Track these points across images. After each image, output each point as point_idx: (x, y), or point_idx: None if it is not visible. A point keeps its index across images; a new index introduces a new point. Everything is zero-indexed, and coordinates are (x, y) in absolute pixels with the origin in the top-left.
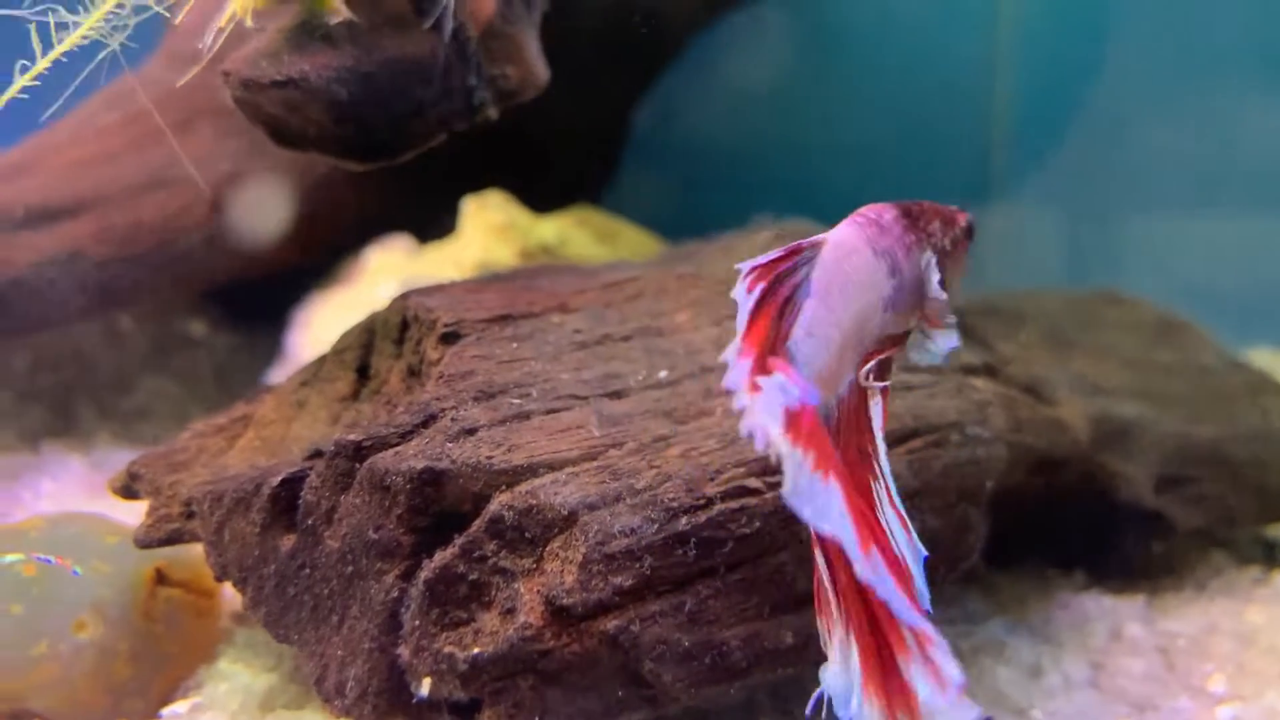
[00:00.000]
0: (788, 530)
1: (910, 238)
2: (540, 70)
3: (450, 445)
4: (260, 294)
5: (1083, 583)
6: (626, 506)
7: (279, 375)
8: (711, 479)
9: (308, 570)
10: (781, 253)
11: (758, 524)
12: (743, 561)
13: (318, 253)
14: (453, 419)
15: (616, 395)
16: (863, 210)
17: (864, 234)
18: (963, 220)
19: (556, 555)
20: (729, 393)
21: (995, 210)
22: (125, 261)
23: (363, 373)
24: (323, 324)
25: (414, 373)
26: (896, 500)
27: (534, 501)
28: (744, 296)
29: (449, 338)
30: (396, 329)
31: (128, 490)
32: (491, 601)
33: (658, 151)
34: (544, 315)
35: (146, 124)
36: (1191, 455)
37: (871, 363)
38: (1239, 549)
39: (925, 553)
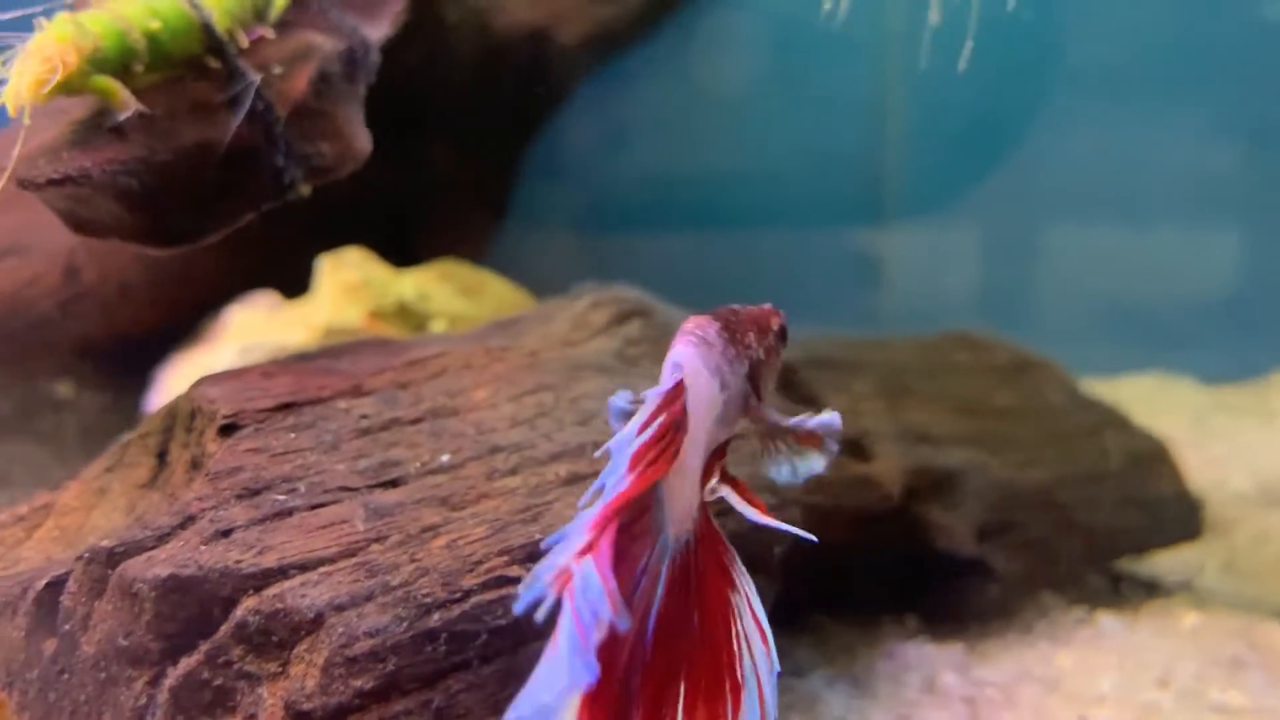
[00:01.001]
0: (549, 617)
1: (732, 351)
2: (360, 143)
3: (203, 549)
4: (132, 352)
5: (914, 629)
6: (377, 605)
7: None
8: (471, 570)
9: (67, 675)
10: (663, 399)
11: (514, 615)
12: (500, 653)
13: (178, 313)
14: (211, 520)
15: (392, 484)
16: (689, 328)
17: (699, 354)
18: (776, 324)
19: (302, 659)
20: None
21: (889, 232)
22: None
23: (163, 458)
24: (179, 385)
25: (196, 464)
26: (757, 609)
27: (280, 605)
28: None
29: (227, 430)
30: (188, 415)
31: None
32: (236, 707)
33: (553, 199)
34: (332, 401)
35: None
36: (1017, 501)
37: (713, 478)
38: (1082, 585)
39: (779, 667)
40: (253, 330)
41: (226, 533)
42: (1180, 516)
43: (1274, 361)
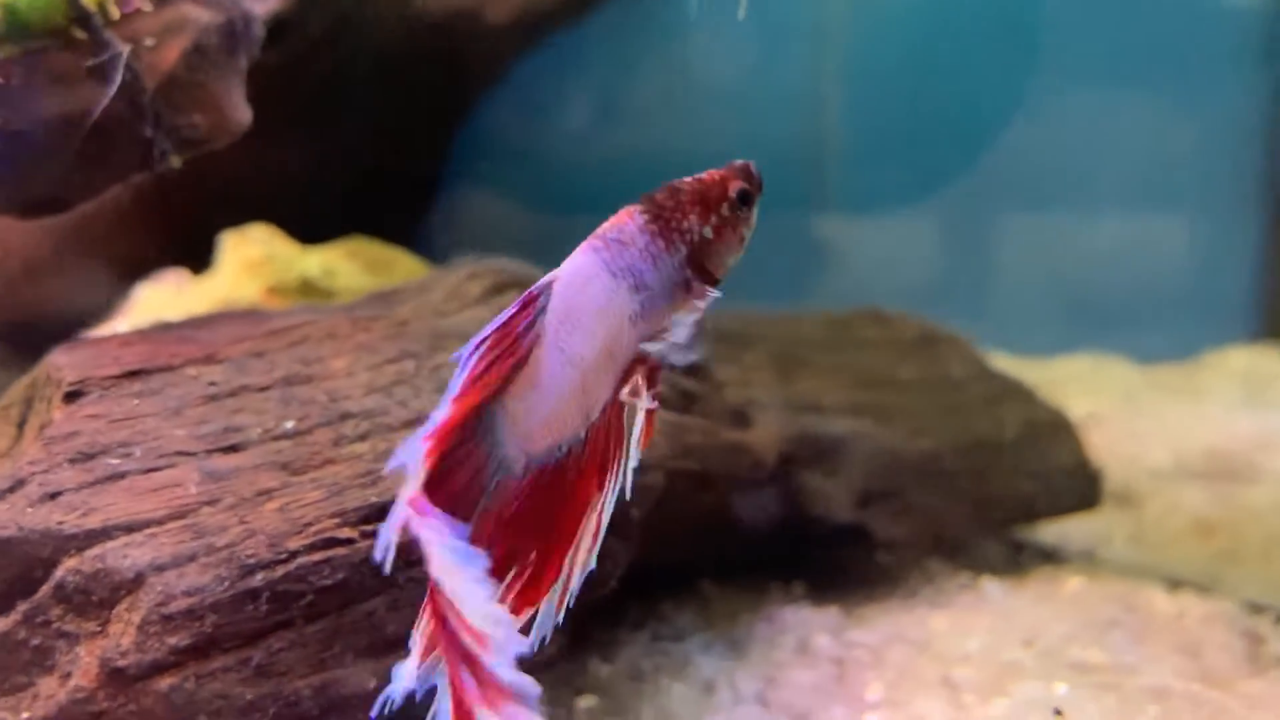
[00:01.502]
0: (381, 577)
1: (659, 244)
2: (237, 116)
3: (29, 511)
4: (43, 330)
5: (800, 594)
6: (199, 565)
7: None
8: (300, 532)
9: None
10: (516, 307)
11: (342, 575)
12: (325, 612)
13: (87, 292)
14: (40, 483)
15: (232, 449)
16: (604, 229)
17: (600, 259)
18: (733, 190)
19: (121, 618)
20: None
21: (832, 219)
22: None
23: (23, 428)
24: None
25: (45, 428)
26: (604, 511)
27: (101, 565)
28: (458, 373)
29: (71, 396)
30: (43, 386)
31: None
32: (54, 666)
33: (485, 180)
34: (182, 368)
35: None
36: (901, 469)
37: (635, 377)
38: (977, 553)
39: (593, 567)
40: (158, 307)
41: (54, 495)
42: (1076, 487)
43: (1206, 342)
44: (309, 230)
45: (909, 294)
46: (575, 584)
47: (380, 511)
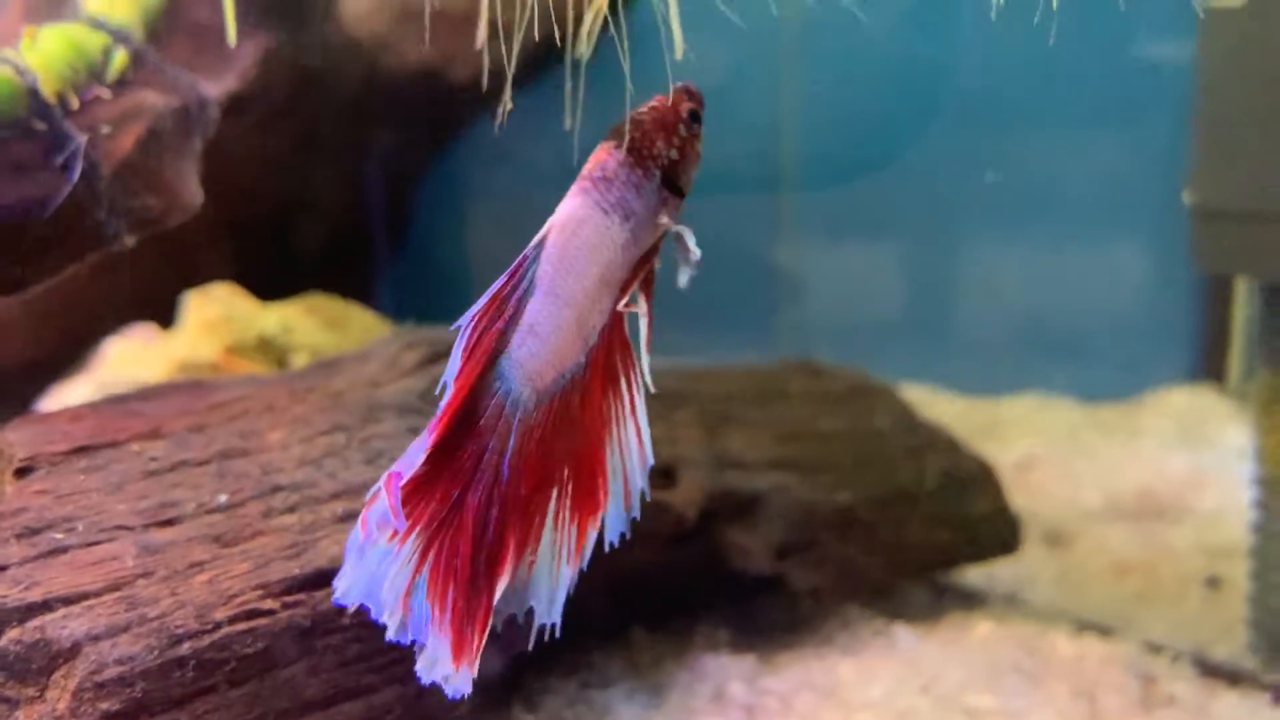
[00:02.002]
0: (301, 645)
1: (638, 173)
2: (189, 196)
3: None
4: (13, 382)
5: (723, 641)
6: (131, 635)
7: None
8: (225, 603)
9: None
10: (504, 277)
11: (264, 644)
12: (248, 678)
13: (58, 345)
14: None
15: (169, 523)
16: (588, 169)
17: (590, 199)
18: (684, 110)
19: (58, 684)
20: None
21: (782, 255)
22: None
23: None
24: None
25: None
26: (639, 409)
27: (40, 636)
28: (455, 350)
29: (21, 472)
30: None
31: None
32: None
33: (447, 232)
34: (127, 444)
35: None
36: (819, 521)
37: (632, 287)
38: (898, 598)
39: (651, 460)
40: (122, 364)
41: (2, 568)
42: (996, 533)
43: (1148, 382)
44: (272, 286)
45: (853, 331)
46: (637, 481)
47: (302, 583)
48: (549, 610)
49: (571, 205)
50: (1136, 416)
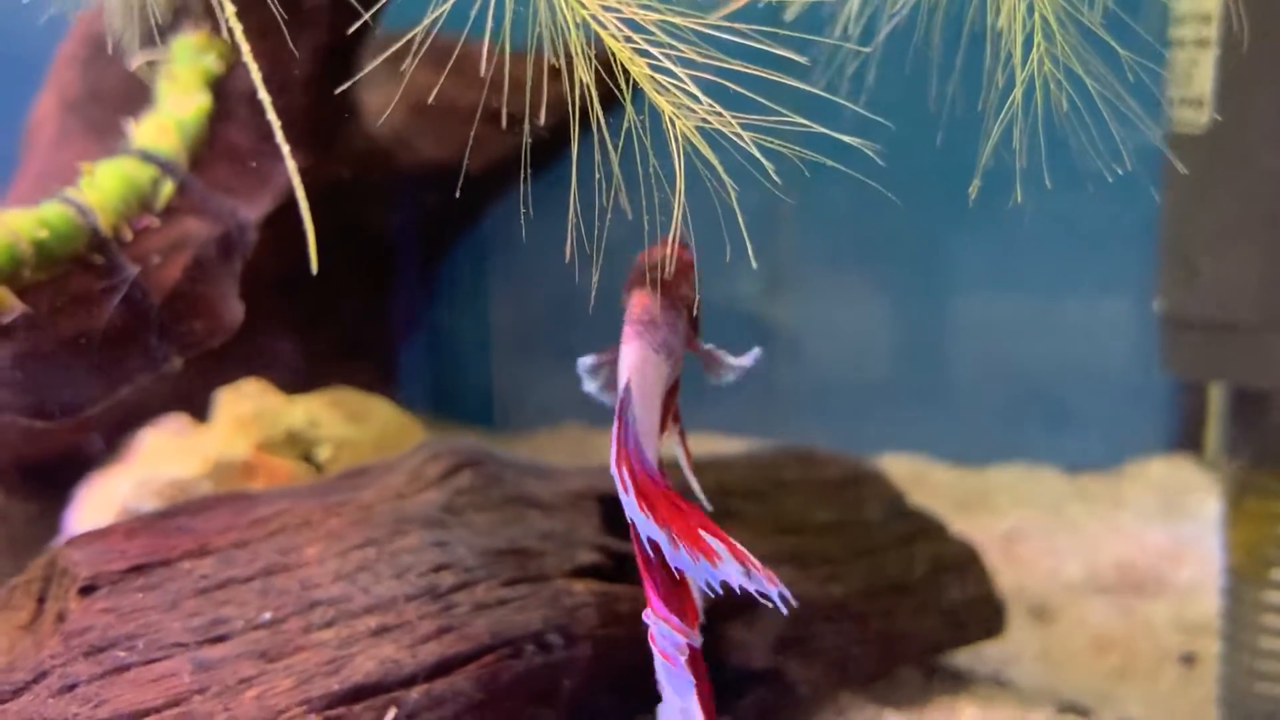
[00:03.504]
0: None
1: (671, 314)
2: (230, 318)
3: (50, 702)
4: (56, 467)
5: None
6: None
7: None
8: (272, 719)
9: None
10: (617, 422)
11: None
12: None
13: (101, 435)
14: (59, 675)
15: (219, 640)
16: (636, 315)
17: (645, 343)
18: (691, 261)
19: None
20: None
21: (776, 318)
22: None
23: (43, 602)
24: (89, 507)
25: (60, 617)
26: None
27: None
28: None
29: (86, 590)
30: (61, 573)
31: None
32: None
33: (462, 320)
34: (178, 562)
35: None
36: (815, 614)
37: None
38: (889, 681)
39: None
40: (157, 456)
41: (71, 687)
42: (980, 618)
43: (1129, 452)
44: (298, 380)
45: (843, 397)
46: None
47: (341, 698)
48: None
49: (635, 351)
50: (1118, 487)
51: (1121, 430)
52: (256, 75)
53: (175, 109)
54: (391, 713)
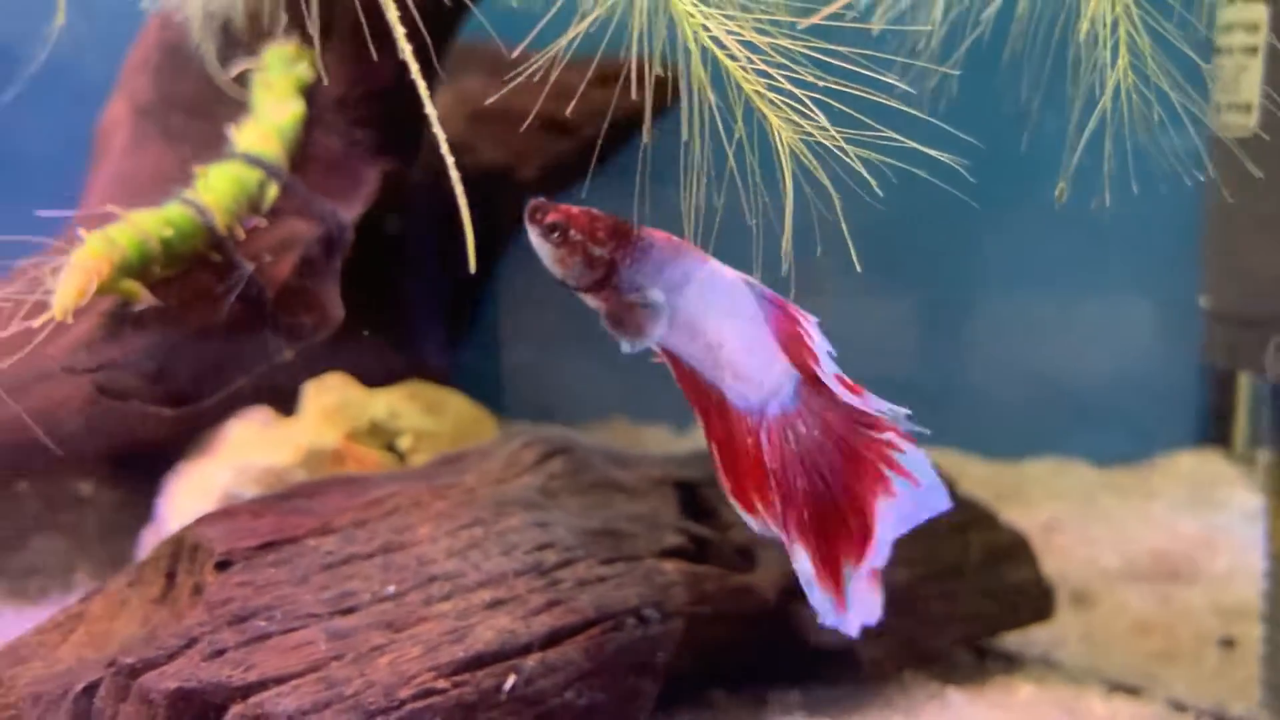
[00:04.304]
0: (468, 717)
1: None
2: (334, 312)
3: (202, 665)
4: (148, 458)
5: (794, 704)
6: (333, 712)
7: (151, 537)
8: (406, 684)
9: None
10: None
11: (439, 719)
12: None
13: (191, 427)
14: (208, 642)
15: (349, 611)
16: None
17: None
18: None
19: None
20: None
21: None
22: (14, 448)
23: (172, 578)
24: (184, 494)
25: (197, 589)
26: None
27: (260, 711)
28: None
29: (221, 565)
30: (192, 548)
31: None
32: None
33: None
34: (304, 539)
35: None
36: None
37: None
38: (946, 662)
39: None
40: (246, 447)
41: (220, 653)
42: (1032, 603)
43: (1159, 446)
44: (375, 374)
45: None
46: None
47: (466, 664)
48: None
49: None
50: (1148, 479)
51: (1151, 424)
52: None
53: (273, 115)
54: (511, 679)
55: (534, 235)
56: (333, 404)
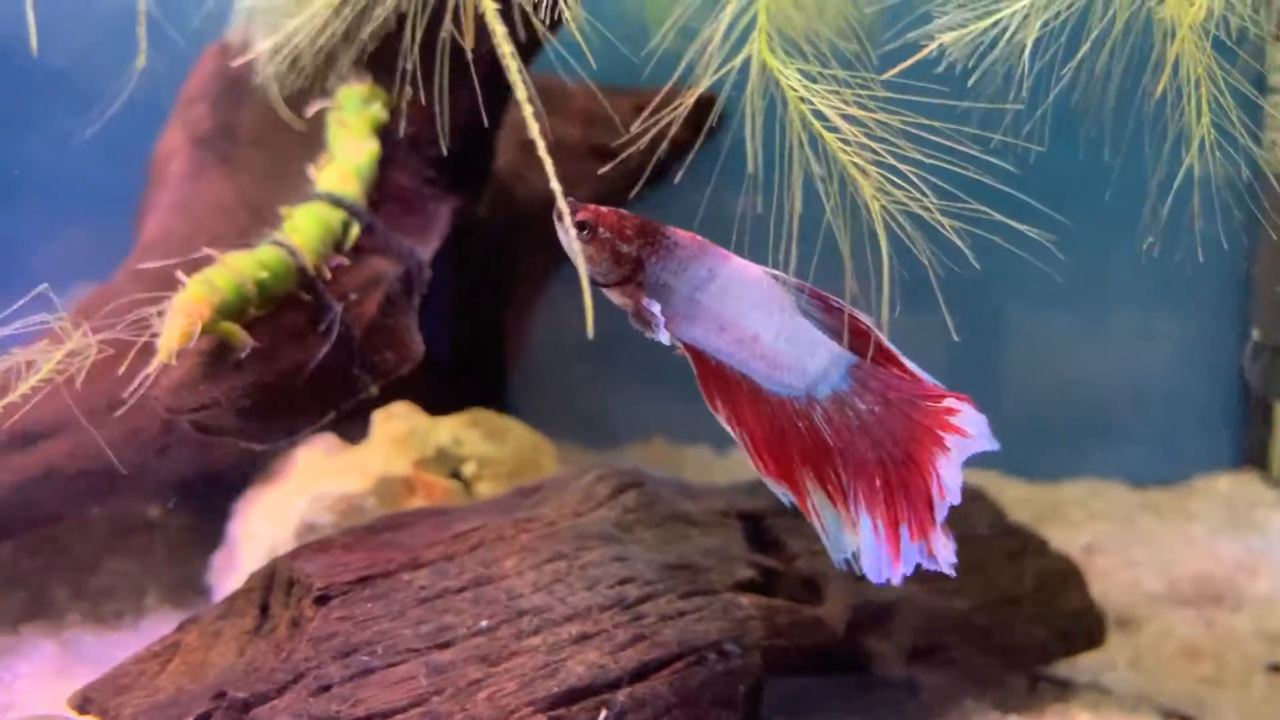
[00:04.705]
0: None
1: None
2: (415, 348)
3: (311, 700)
4: (217, 484)
5: None
6: None
7: (222, 560)
8: (506, 718)
9: None
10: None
11: None
12: None
13: (257, 454)
14: (315, 677)
15: (446, 645)
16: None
17: None
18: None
19: None
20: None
21: None
22: (92, 475)
23: (265, 610)
24: (255, 517)
25: (295, 623)
26: None
27: None
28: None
29: (321, 600)
30: (286, 582)
31: (83, 709)
32: None
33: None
34: (397, 574)
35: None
36: (942, 626)
37: None
38: (1003, 689)
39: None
40: (314, 473)
41: (327, 688)
42: (1084, 630)
43: (1196, 468)
44: (438, 402)
45: None
46: None
47: (560, 699)
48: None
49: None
50: (1186, 501)
51: (1186, 447)
52: None
53: (352, 155)
54: (604, 714)
55: (563, 232)
56: (401, 432)
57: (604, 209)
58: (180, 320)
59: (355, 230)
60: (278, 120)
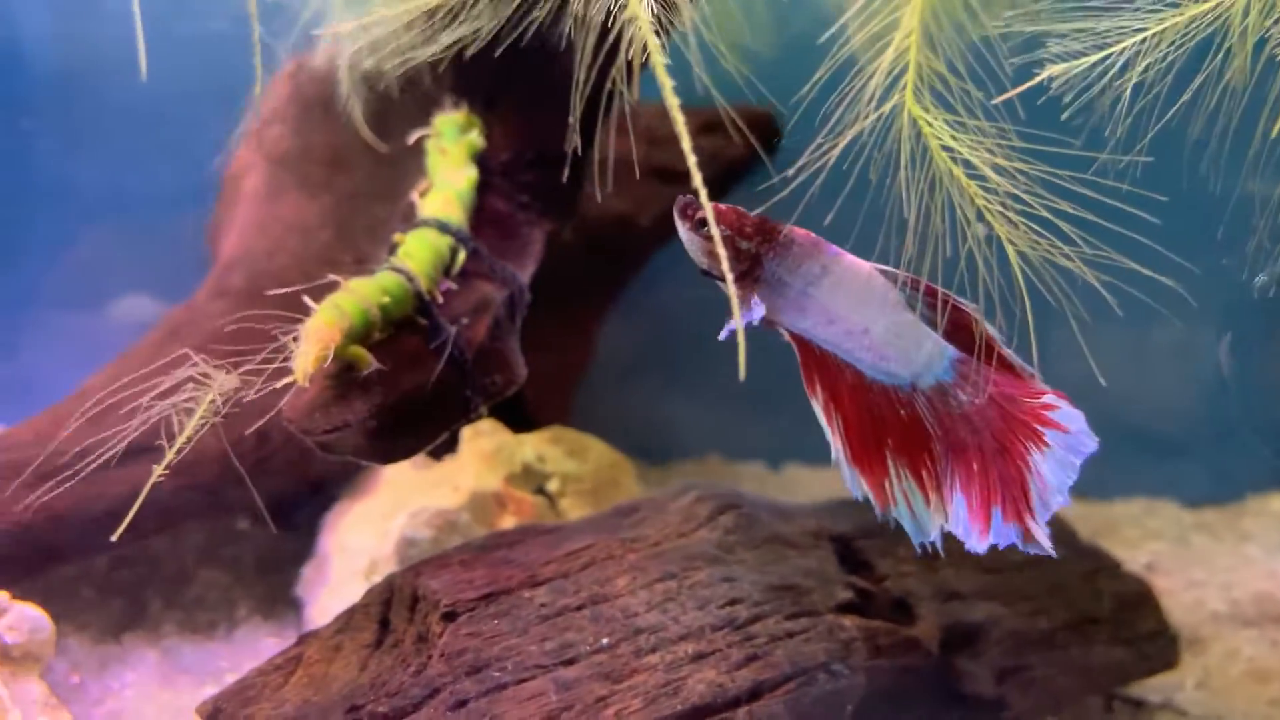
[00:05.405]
0: None
1: None
2: (520, 370)
3: (449, 715)
4: (306, 498)
5: None
6: None
7: (311, 572)
8: None
9: None
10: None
11: None
12: None
13: (345, 468)
14: (450, 692)
15: (570, 662)
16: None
17: None
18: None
19: None
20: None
21: None
22: (191, 489)
23: (384, 624)
24: (346, 531)
25: (422, 638)
26: None
27: None
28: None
29: (448, 616)
30: (409, 598)
31: (213, 719)
32: None
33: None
34: (518, 591)
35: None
36: (1027, 647)
37: None
38: (1081, 709)
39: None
40: (405, 488)
41: (463, 703)
42: (1159, 651)
43: (1249, 486)
44: (518, 419)
45: None
46: None
47: (685, 716)
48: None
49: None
50: (1239, 521)
51: (1238, 466)
52: None
53: (452, 181)
54: None
55: (684, 230)
56: (489, 448)
57: (723, 206)
58: (314, 345)
59: (462, 255)
60: (357, 143)
